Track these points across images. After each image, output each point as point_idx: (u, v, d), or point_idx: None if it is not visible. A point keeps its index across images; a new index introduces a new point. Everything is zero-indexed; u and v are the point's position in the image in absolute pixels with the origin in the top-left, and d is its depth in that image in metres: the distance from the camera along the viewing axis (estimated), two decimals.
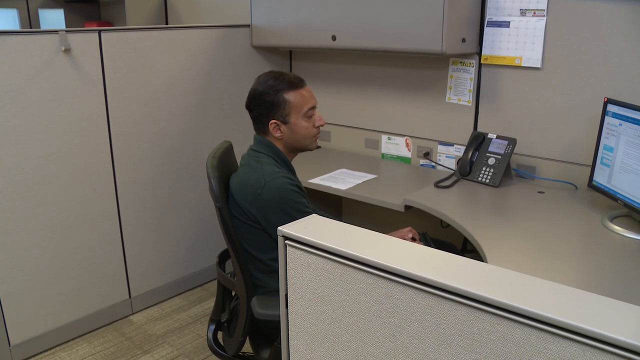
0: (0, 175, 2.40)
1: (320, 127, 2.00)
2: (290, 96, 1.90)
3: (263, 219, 1.83)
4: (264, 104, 1.89)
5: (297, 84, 1.93)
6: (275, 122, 1.89)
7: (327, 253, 0.92)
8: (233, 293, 2.10)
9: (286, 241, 0.98)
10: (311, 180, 2.58)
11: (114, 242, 2.84)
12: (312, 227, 0.96)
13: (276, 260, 1.83)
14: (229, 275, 2.02)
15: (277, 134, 1.91)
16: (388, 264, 0.85)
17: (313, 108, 1.96)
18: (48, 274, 2.62)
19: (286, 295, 1.03)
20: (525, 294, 0.76)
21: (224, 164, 1.95)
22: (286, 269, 1.00)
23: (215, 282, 2.16)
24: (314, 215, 1.02)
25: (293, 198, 1.82)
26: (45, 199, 2.55)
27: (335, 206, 3.18)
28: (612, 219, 2.01)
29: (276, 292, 1.87)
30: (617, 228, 1.92)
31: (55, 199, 2.58)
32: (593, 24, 2.26)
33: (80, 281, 2.74)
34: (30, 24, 4.72)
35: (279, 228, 0.97)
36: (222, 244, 1.96)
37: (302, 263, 0.97)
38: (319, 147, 3.23)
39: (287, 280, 1.01)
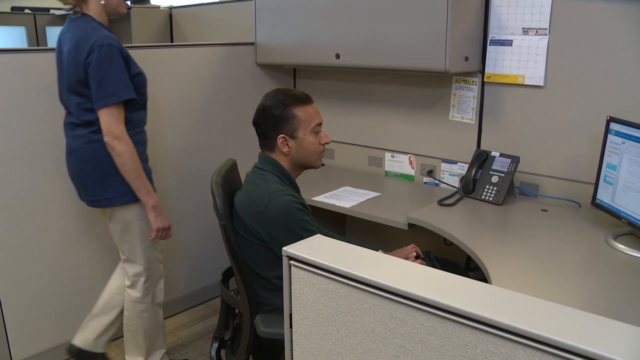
0: (5, 190, 2.42)
1: (325, 145, 2.01)
2: (299, 111, 1.92)
3: (267, 236, 1.83)
4: (272, 118, 1.91)
5: (305, 99, 1.95)
6: (284, 137, 1.91)
7: (331, 273, 0.92)
8: (236, 311, 2.10)
9: (290, 261, 0.98)
10: (315, 198, 2.59)
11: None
12: (316, 248, 0.97)
13: (280, 278, 1.83)
14: (233, 292, 2.03)
15: (285, 149, 1.92)
16: (392, 285, 0.85)
17: (320, 125, 1.98)
18: (52, 290, 2.62)
19: (290, 315, 1.04)
20: (528, 316, 0.76)
21: (228, 182, 1.96)
22: (290, 289, 1.01)
23: (219, 299, 2.15)
24: (318, 235, 1.02)
25: (297, 216, 1.83)
26: (49, 215, 2.56)
27: (338, 224, 3.19)
28: (616, 237, 2.00)
29: (280, 310, 1.86)
30: (620, 246, 1.92)
31: (60, 214, 2.59)
32: (595, 43, 2.27)
33: (84, 297, 2.73)
34: (37, 41, 4.77)
35: (283, 248, 0.98)
36: (225, 262, 1.96)
37: (307, 283, 0.97)
38: (323, 164, 3.24)
39: (291, 300, 1.02)
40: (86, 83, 2.10)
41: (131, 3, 4.88)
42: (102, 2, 2.14)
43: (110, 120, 2.08)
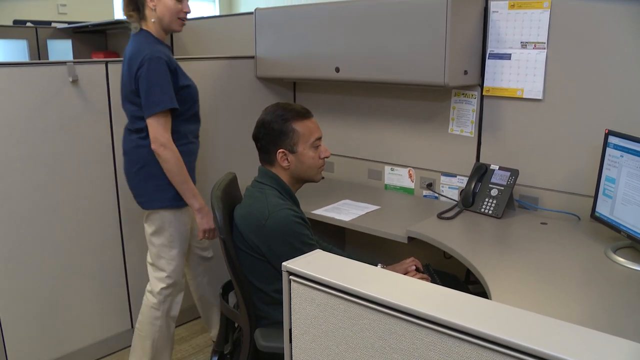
0: (6, 202, 2.42)
1: (325, 159, 2.02)
2: (298, 126, 1.93)
3: (267, 250, 1.83)
4: (272, 133, 1.92)
5: (304, 114, 1.96)
6: (283, 151, 1.92)
7: (330, 289, 0.93)
8: (236, 324, 2.10)
9: (290, 276, 0.99)
10: (314, 211, 2.59)
11: (117, 271, 2.84)
12: (316, 263, 0.97)
13: (280, 291, 1.83)
14: (233, 306, 2.03)
15: (285, 164, 1.93)
16: (391, 300, 0.86)
17: (319, 139, 1.99)
18: (50, 303, 2.62)
19: (290, 330, 1.04)
20: (528, 332, 0.77)
21: (228, 196, 1.96)
22: (290, 304, 1.01)
23: (219, 312, 2.15)
24: (317, 250, 1.03)
25: (297, 230, 1.83)
26: (49, 227, 2.56)
27: (338, 237, 3.19)
28: (616, 251, 2.00)
29: (280, 324, 1.86)
30: (620, 259, 1.92)
31: (60, 227, 2.59)
32: (593, 56, 2.29)
33: (83, 310, 2.73)
34: (39, 54, 4.80)
35: (283, 264, 0.98)
36: (225, 275, 1.97)
37: (306, 298, 0.98)
38: (322, 177, 3.25)
39: (291, 315, 1.02)
40: (137, 93, 2.27)
41: None
42: (153, 20, 2.30)
43: (157, 129, 2.23)
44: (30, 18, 6.07)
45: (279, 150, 1.92)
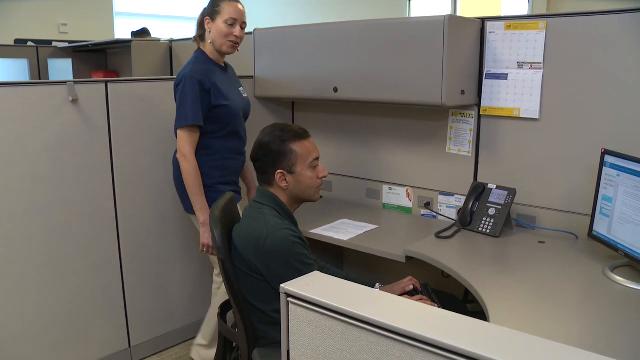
0: (5, 220, 2.42)
1: (323, 178, 2.04)
2: (296, 146, 1.94)
3: (265, 270, 1.84)
4: (270, 154, 1.93)
5: (302, 134, 1.98)
6: (282, 172, 1.93)
7: (328, 311, 0.93)
8: (234, 344, 2.10)
9: (288, 298, 0.99)
10: (312, 231, 2.59)
11: (114, 289, 2.84)
12: (314, 285, 0.98)
13: (278, 311, 1.83)
14: (231, 326, 2.02)
15: (283, 184, 1.94)
16: (389, 323, 0.86)
17: (317, 159, 2.00)
18: (47, 321, 2.60)
19: (288, 351, 1.04)
20: (526, 355, 0.77)
21: (226, 215, 1.97)
22: (288, 325, 1.01)
23: (217, 331, 2.15)
24: (315, 272, 1.03)
25: (296, 250, 1.84)
26: (47, 246, 2.56)
27: (336, 256, 3.19)
28: (613, 269, 2.01)
29: (278, 344, 1.85)
30: (618, 278, 1.93)
31: (58, 245, 2.59)
32: (589, 76, 2.31)
33: (80, 329, 2.72)
34: (39, 73, 4.83)
35: (281, 285, 0.99)
36: (224, 294, 1.98)
37: (304, 320, 0.98)
38: (320, 197, 3.25)
39: (289, 337, 1.02)
40: None
41: (132, 36, 4.96)
42: (210, 41, 2.52)
43: (180, 141, 2.44)
44: (32, 37, 6.12)
45: (278, 171, 1.93)
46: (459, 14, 7.47)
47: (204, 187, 2.47)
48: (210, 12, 2.50)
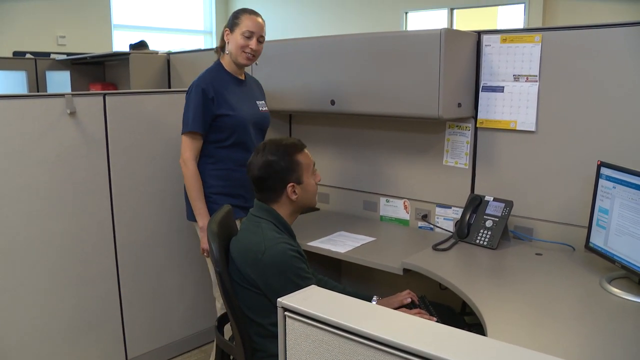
0: (2, 232, 2.42)
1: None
2: (300, 157, 1.97)
3: (263, 284, 1.84)
4: (280, 171, 1.93)
5: (301, 145, 2.01)
6: (293, 185, 1.94)
7: (325, 325, 0.93)
8: (231, 357, 2.09)
9: (285, 312, 0.99)
10: (310, 243, 2.59)
11: (112, 302, 2.83)
12: (311, 299, 0.98)
13: (276, 325, 1.82)
14: (228, 339, 2.02)
15: (294, 197, 1.95)
16: (386, 337, 0.86)
17: (314, 165, 2.03)
18: (44, 333, 2.60)
19: None
20: None
21: (224, 228, 1.97)
22: (285, 339, 1.01)
23: (214, 344, 2.14)
24: (313, 286, 1.04)
25: (293, 264, 1.84)
26: (44, 258, 2.56)
27: (334, 268, 3.18)
28: (610, 281, 2.01)
29: (275, 357, 1.86)
30: (615, 290, 1.93)
31: (55, 258, 2.59)
32: (584, 88, 2.33)
33: (77, 342, 2.71)
34: (37, 85, 4.84)
35: (278, 300, 0.99)
36: (221, 307, 1.98)
37: (301, 334, 0.98)
38: (318, 209, 3.26)
39: (286, 351, 1.02)
40: None
41: (130, 49, 4.98)
42: (227, 52, 2.57)
43: (182, 146, 2.51)
44: (30, 49, 6.13)
45: (289, 185, 1.94)
46: (455, 27, 7.52)
47: None
48: (231, 24, 2.54)
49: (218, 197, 2.54)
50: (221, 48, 2.61)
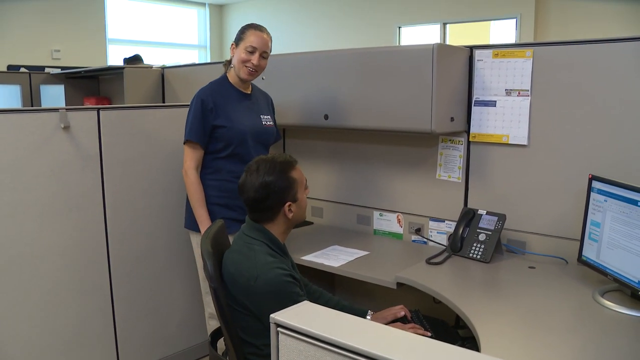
0: None
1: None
2: (295, 174, 1.97)
3: (256, 309, 1.82)
4: (278, 191, 1.92)
5: (294, 162, 2.01)
6: (290, 204, 1.94)
7: (318, 341, 0.93)
8: None
9: (278, 328, 0.99)
10: (304, 257, 2.59)
11: (105, 316, 2.81)
12: (303, 315, 0.98)
13: (269, 345, 1.83)
14: (222, 354, 2.01)
15: (290, 215, 1.95)
16: (378, 353, 0.87)
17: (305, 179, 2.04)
18: (37, 348, 2.57)
19: None
20: None
21: (217, 244, 1.97)
22: (278, 356, 1.01)
23: (208, 358, 2.13)
24: (305, 302, 1.04)
25: (287, 289, 1.83)
26: (37, 273, 2.54)
27: (328, 282, 3.18)
28: (603, 294, 2.02)
29: None
30: (608, 303, 1.94)
31: (48, 273, 2.58)
32: (575, 102, 2.35)
33: (70, 356, 2.69)
34: (32, 99, 4.84)
35: (271, 316, 0.99)
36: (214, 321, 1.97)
37: (294, 350, 0.98)
38: (312, 222, 3.26)
39: None
40: None
41: (124, 63, 4.99)
42: (232, 66, 2.63)
43: (184, 156, 2.58)
44: (24, 63, 6.15)
45: (287, 204, 1.93)
46: (448, 42, 7.59)
47: None
48: (237, 39, 2.59)
49: (215, 207, 2.57)
50: (229, 62, 2.67)
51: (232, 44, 2.60)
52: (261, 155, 2.03)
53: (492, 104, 2.57)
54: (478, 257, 2.47)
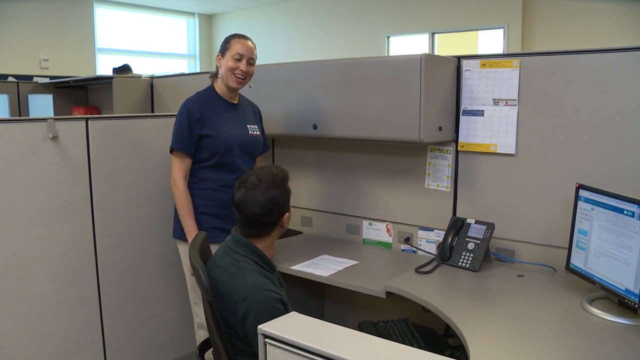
0: None
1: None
2: (289, 185, 1.98)
3: (241, 330, 1.80)
4: (282, 204, 1.93)
5: (287, 172, 2.02)
6: (287, 214, 1.95)
7: (305, 352, 0.93)
8: None
9: (266, 339, 0.99)
10: (293, 267, 2.59)
11: (93, 327, 2.79)
12: (291, 326, 0.98)
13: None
14: None
15: (286, 225, 1.96)
16: None
17: None
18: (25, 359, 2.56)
19: None
20: None
21: (202, 255, 1.96)
22: None
23: None
24: (293, 312, 1.04)
25: (275, 314, 1.81)
26: (24, 284, 2.52)
27: (317, 291, 3.17)
28: (591, 302, 2.03)
29: None
30: (596, 311, 1.95)
31: (35, 284, 2.55)
32: (562, 112, 2.37)
33: None
34: (19, 108, 4.81)
35: (259, 327, 0.99)
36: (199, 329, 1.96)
37: None
38: (301, 232, 3.26)
39: None
40: None
41: (113, 72, 4.98)
42: (219, 76, 2.64)
43: (172, 166, 2.59)
44: (12, 72, 6.11)
45: (286, 215, 1.95)
46: (437, 51, 7.64)
47: None
48: (222, 49, 2.60)
49: (202, 216, 2.56)
50: (215, 74, 2.67)
51: (218, 55, 2.62)
52: (254, 169, 2.04)
53: (480, 113, 2.59)
54: (467, 265, 2.47)
